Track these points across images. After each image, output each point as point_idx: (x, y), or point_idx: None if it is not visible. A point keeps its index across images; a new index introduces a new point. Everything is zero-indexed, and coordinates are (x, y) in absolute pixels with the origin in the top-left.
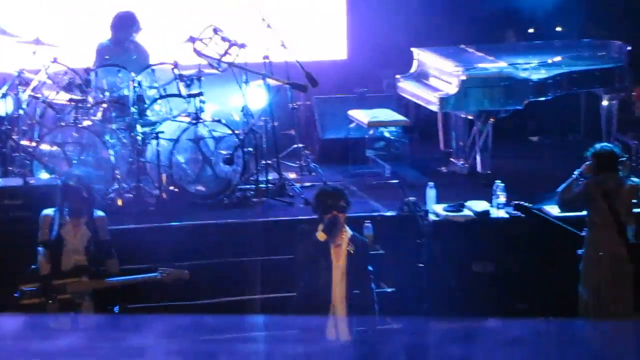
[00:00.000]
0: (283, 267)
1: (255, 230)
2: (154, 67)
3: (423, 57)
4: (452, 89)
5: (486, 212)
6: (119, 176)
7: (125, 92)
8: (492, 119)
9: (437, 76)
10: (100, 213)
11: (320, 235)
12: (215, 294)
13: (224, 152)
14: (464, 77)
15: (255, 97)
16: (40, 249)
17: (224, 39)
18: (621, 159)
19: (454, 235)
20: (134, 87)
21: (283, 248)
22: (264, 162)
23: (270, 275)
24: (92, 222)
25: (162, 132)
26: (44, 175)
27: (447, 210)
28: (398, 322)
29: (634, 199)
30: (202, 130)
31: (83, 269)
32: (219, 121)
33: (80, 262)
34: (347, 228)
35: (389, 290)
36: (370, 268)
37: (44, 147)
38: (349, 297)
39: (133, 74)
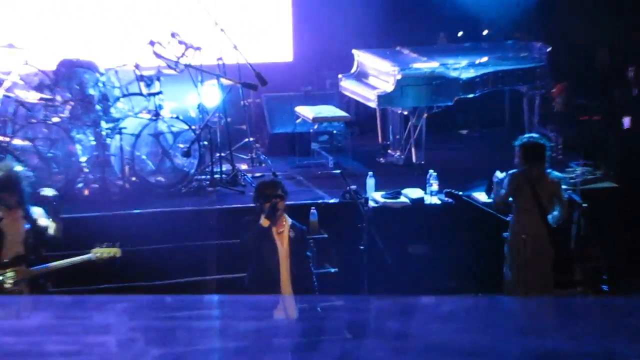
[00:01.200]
0: (236, 250)
1: (210, 217)
2: (117, 69)
3: (363, 58)
4: (389, 87)
5: (421, 199)
6: (86, 169)
7: (91, 92)
8: (425, 114)
9: (375, 75)
10: (37, 209)
11: (264, 222)
12: (174, 275)
13: (181, 145)
14: (399, 76)
15: (210, 95)
16: None
17: (181, 42)
18: (547, 148)
19: (391, 220)
20: (99, 87)
21: (236, 233)
22: (218, 154)
23: (225, 257)
24: (28, 215)
25: (125, 127)
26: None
27: (385, 198)
28: (340, 300)
29: (555, 191)
30: (162, 126)
31: (21, 259)
32: (177, 117)
33: (19, 253)
34: (288, 217)
35: (333, 270)
36: (308, 253)
37: (17, 142)
38: (293, 278)
39: (98, 75)
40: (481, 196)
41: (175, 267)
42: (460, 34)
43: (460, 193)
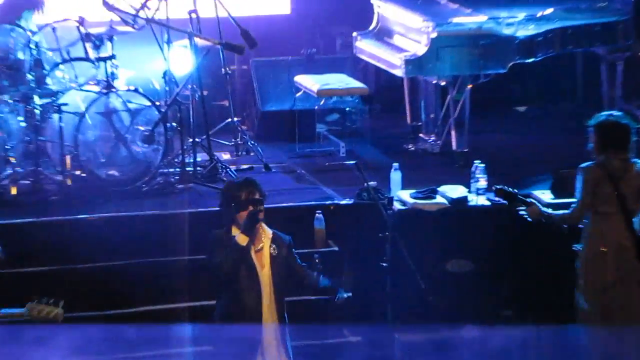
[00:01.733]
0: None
1: (181, 224)
2: (55, 25)
3: (385, 10)
4: (421, 48)
5: (463, 199)
6: (12, 159)
7: (20, 56)
8: (469, 86)
9: (402, 33)
10: None
11: (241, 239)
12: (133, 301)
13: (141, 128)
14: (434, 35)
15: (180, 60)
16: None
17: None
18: (632, 131)
19: (424, 227)
20: (31, 49)
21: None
22: (190, 140)
23: (199, 278)
24: None
25: (66, 104)
26: None
27: (415, 198)
28: (356, 334)
29: None
30: (115, 102)
31: None
32: (135, 90)
33: None
34: (266, 227)
35: (345, 295)
36: (302, 263)
37: None
38: (280, 309)
39: (29, 34)
40: (545, 196)
41: (135, 292)
42: None
43: (516, 191)
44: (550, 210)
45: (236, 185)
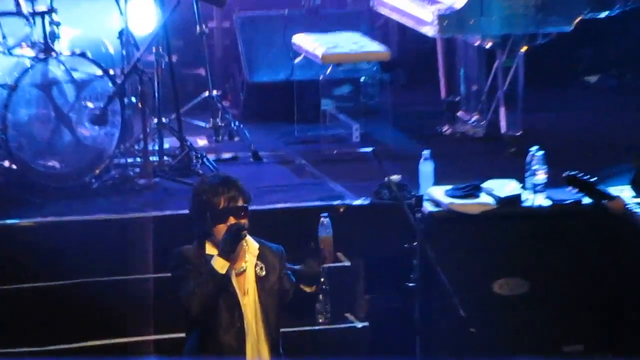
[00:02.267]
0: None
1: (143, 232)
2: None
3: None
4: (459, 0)
5: (515, 199)
6: None
7: None
8: (523, 49)
9: None
10: None
11: (219, 264)
12: (82, 333)
13: (90, 105)
14: None
15: (141, 15)
16: None
17: None
18: None
19: (463, 236)
20: None
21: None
22: (155, 120)
23: (167, 303)
24: None
25: None
26: None
27: (452, 196)
28: None
29: None
30: (56, 71)
31: None
32: (82, 55)
33: None
34: (251, 239)
35: (360, 325)
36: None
37: None
38: (272, 344)
39: None
40: (623, 194)
41: (84, 321)
42: None
43: (595, 179)
44: None
45: (211, 187)
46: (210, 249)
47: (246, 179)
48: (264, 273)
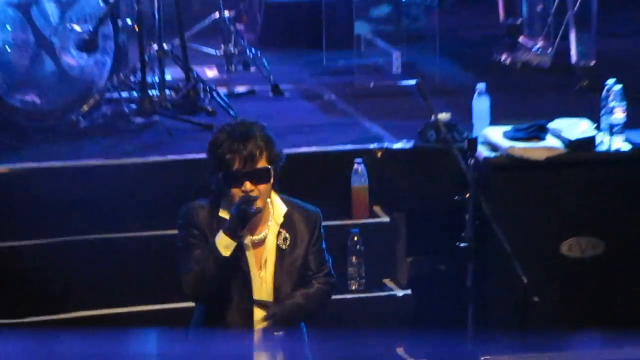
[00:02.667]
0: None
1: (140, 180)
2: None
3: None
4: None
5: (588, 141)
6: None
7: None
8: None
9: None
10: None
11: (223, 243)
12: (66, 302)
13: (77, 27)
14: None
15: None
16: None
17: None
18: None
19: (525, 186)
20: None
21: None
22: (155, 47)
23: (168, 267)
24: None
25: None
26: None
27: (512, 138)
28: (415, 351)
29: None
30: None
31: None
32: None
33: None
34: (277, 200)
35: (400, 294)
36: (328, 261)
37: None
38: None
39: None
40: None
41: (69, 288)
42: None
43: None
44: None
45: (228, 140)
46: (224, 212)
47: (264, 118)
48: (287, 245)
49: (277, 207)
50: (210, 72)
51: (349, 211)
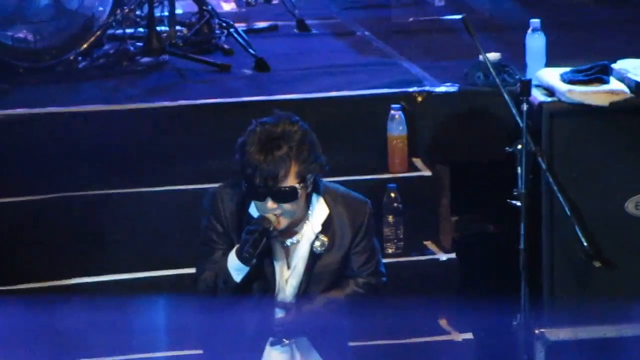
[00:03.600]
0: None
1: (147, 128)
2: None
3: None
4: None
5: None
6: None
7: None
8: None
9: None
10: None
11: (234, 266)
12: (64, 267)
13: None
14: None
15: None
16: None
17: None
18: None
19: (587, 135)
20: None
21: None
22: None
23: (177, 226)
24: None
25: None
26: None
27: (571, 81)
28: (462, 324)
29: None
30: None
31: None
32: None
33: None
34: (319, 204)
35: (444, 257)
36: (374, 259)
37: None
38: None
39: None
40: None
41: (69, 258)
42: None
43: None
44: None
45: (252, 147)
46: (254, 210)
47: (288, 57)
48: (323, 249)
49: (316, 213)
50: (227, 5)
51: (385, 164)
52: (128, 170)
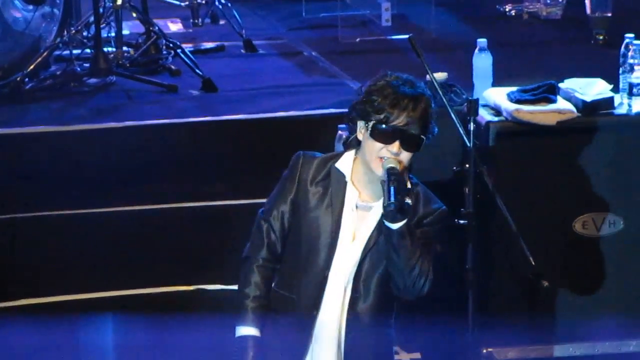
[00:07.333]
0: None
1: (94, 150)
2: None
3: None
4: None
5: (605, 103)
6: None
7: None
8: None
9: None
10: None
11: (241, 330)
12: (15, 288)
13: None
14: None
15: None
16: None
17: None
18: None
19: (533, 154)
20: None
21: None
22: None
23: (127, 248)
24: None
25: None
26: None
27: (518, 101)
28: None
29: None
30: None
31: None
32: None
33: None
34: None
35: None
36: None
37: None
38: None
39: None
40: None
41: (19, 267)
42: None
43: None
44: None
45: (392, 94)
46: (343, 164)
47: (236, 78)
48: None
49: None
50: (174, 26)
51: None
52: (74, 191)
